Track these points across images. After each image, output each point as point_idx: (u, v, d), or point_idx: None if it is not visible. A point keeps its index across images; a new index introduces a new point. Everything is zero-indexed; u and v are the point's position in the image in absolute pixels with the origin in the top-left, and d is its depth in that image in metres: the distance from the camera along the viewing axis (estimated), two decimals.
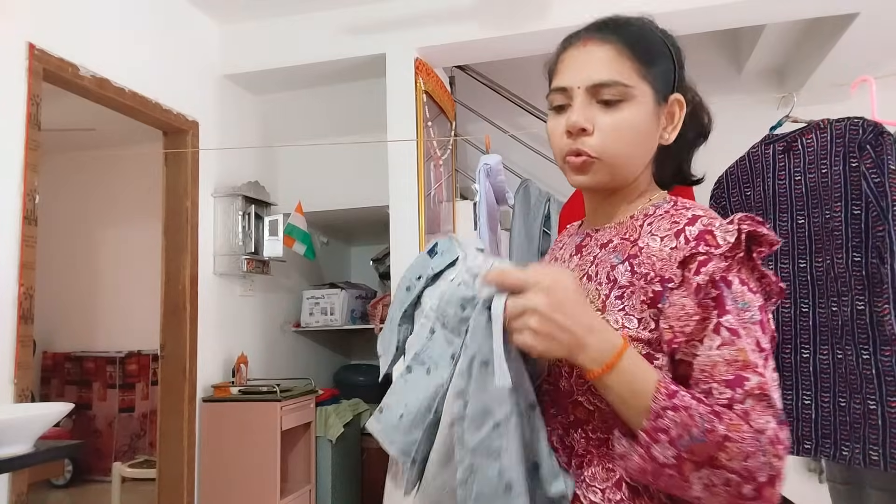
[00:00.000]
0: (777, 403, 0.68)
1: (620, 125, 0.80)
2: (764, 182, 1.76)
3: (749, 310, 0.71)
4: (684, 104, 0.86)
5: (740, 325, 0.70)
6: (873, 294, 1.52)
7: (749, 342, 0.69)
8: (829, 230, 1.61)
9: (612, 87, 0.79)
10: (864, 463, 1.47)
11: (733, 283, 0.72)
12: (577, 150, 0.81)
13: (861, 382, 1.51)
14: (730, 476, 0.66)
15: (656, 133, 0.84)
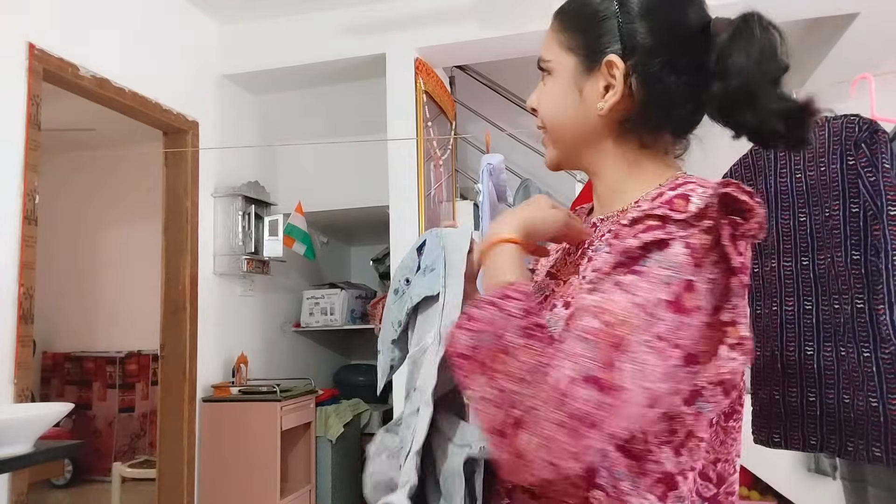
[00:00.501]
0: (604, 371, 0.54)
1: (542, 100, 0.82)
2: (766, 180, 1.77)
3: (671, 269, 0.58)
4: (616, 65, 0.73)
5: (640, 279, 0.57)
6: (872, 292, 1.53)
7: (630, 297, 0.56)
8: (829, 228, 1.61)
9: (540, 63, 0.81)
10: (867, 459, 1.49)
11: (671, 247, 0.58)
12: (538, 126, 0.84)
13: (863, 380, 1.52)
14: (492, 393, 0.58)
15: (581, 103, 0.76)
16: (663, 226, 0.59)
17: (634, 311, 0.56)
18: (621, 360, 0.55)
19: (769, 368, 1.73)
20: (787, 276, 1.70)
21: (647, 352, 0.55)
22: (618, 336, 0.55)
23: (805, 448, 1.64)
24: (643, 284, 0.57)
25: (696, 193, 0.62)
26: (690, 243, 0.58)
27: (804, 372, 1.64)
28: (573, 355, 0.55)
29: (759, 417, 1.78)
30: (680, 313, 0.57)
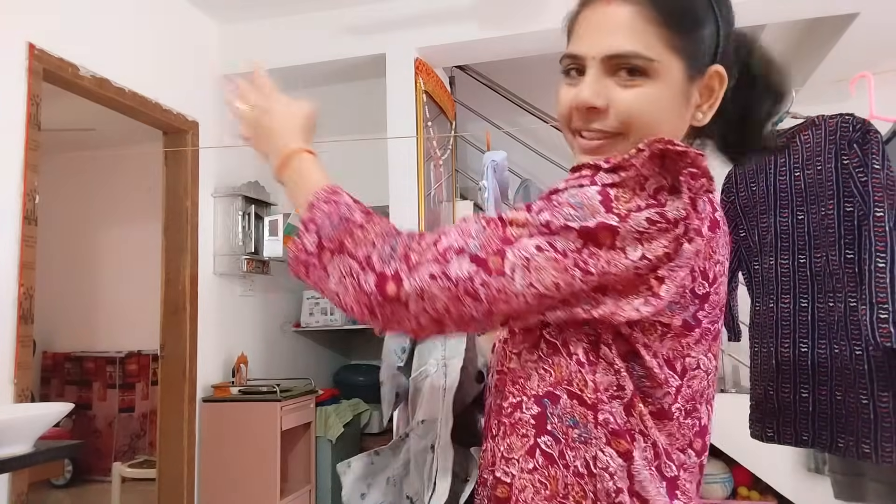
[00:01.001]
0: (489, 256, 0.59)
1: (638, 104, 0.67)
2: (767, 178, 1.78)
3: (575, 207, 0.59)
4: (725, 78, 0.71)
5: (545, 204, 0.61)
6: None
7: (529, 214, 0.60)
8: (825, 227, 1.62)
9: (632, 59, 0.66)
10: (856, 455, 1.50)
11: (586, 188, 0.59)
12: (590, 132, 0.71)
13: (854, 377, 1.53)
14: (354, 264, 0.61)
15: (686, 113, 0.70)
16: (592, 174, 0.60)
17: (528, 218, 0.59)
18: (508, 251, 0.58)
19: (765, 364, 1.74)
20: (784, 274, 1.71)
21: (537, 254, 0.58)
22: (507, 232, 0.59)
23: (797, 443, 1.66)
24: (546, 207, 0.60)
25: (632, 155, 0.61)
26: (605, 190, 0.59)
27: (798, 368, 1.65)
28: (463, 232, 0.59)
29: (754, 412, 1.80)
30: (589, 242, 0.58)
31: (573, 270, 0.58)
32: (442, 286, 0.58)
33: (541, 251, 0.58)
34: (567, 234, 0.57)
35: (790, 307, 1.69)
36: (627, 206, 0.58)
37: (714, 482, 3.04)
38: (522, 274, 0.58)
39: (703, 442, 0.67)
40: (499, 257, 0.58)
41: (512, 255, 0.58)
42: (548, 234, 0.58)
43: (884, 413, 1.46)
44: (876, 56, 3.37)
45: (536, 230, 0.58)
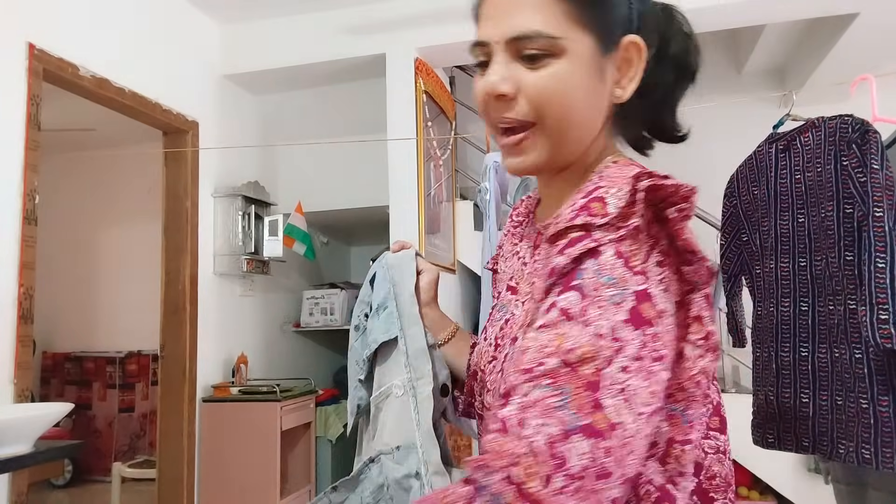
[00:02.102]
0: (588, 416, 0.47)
1: (546, 86, 0.62)
2: (768, 181, 1.77)
3: (615, 286, 0.51)
4: (643, 48, 0.65)
5: (587, 303, 0.50)
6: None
7: (587, 329, 0.49)
8: (824, 229, 1.61)
9: (535, 39, 0.62)
10: (857, 461, 1.48)
11: (603, 254, 0.52)
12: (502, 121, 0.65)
13: (854, 381, 1.52)
14: None
15: (602, 90, 0.65)
16: (588, 234, 0.54)
17: (597, 343, 0.49)
18: (602, 398, 0.48)
19: (766, 369, 1.73)
20: (784, 277, 1.70)
21: (626, 378, 0.49)
22: (588, 375, 0.48)
23: (798, 449, 1.64)
24: (594, 310, 0.50)
25: (610, 194, 0.56)
26: (620, 250, 0.53)
27: (798, 373, 1.64)
28: (546, 412, 0.47)
29: (755, 418, 1.78)
30: (643, 326, 0.51)
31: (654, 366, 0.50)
32: (576, 490, 0.46)
33: (627, 371, 0.49)
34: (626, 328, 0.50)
35: (790, 311, 1.68)
36: (640, 259, 0.53)
37: None
38: (628, 410, 0.48)
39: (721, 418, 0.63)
40: (599, 411, 0.47)
41: (609, 399, 0.48)
42: (618, 343, 0.49)
43: (884, 418, 1.45)
44: (876, 57, 3.37)
45: (609, 350, 0.49)
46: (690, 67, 0.70)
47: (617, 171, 0.61)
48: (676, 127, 0.73)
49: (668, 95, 0.70)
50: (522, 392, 0.48)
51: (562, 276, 0.53)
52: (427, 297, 0.87)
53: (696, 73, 0.71)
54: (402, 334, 0.80)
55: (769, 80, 4.16)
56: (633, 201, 0.54)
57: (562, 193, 0.69)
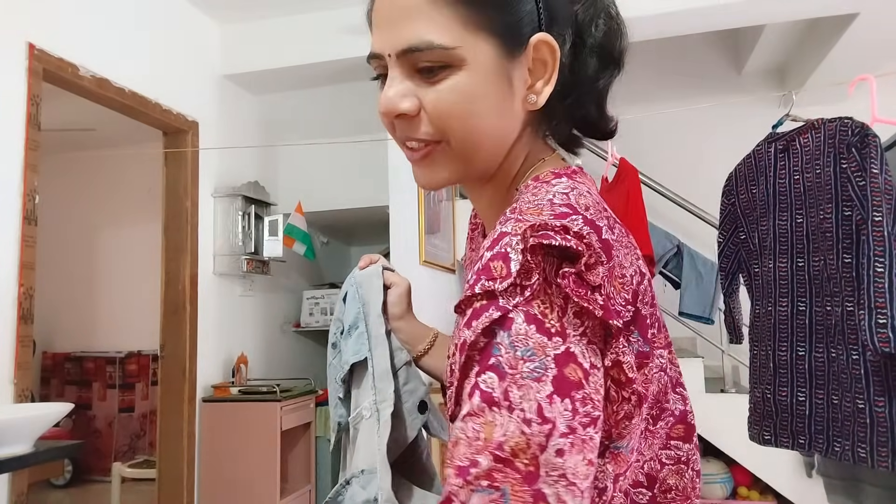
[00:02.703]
0: None
1: (446, 100, 0.56)
2: (766, 181, 1.78)
3: (532, 359, 0.46)
4: (555, 46, 0.58)
5: (507, 384, 0.46)
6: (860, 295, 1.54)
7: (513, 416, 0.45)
8: (823, 231, 1.62)
9: (427, 51, 0.56)
10: (853, 459, 1.50)
11: (514, 322, 0.47)
12: (407, 140, 0.60)
13: (851, 381, 1.53)
14: None
15: (511, 97, 0.59)
16: (492, 301, 0.48)
17: (526, 430, 0.45)
18: (543, 487, 0.45)
19: (764, 367, 1.74)
20: (783, 278, 1.71)
21: (563, 461, 0.46)
22: (523, 468, 0.45)
23: (793, 446, 1.66)
24: (516, 392, 0.46)
25: (510, 248, 0.49)
26: (531, 314, 0.47)
27: (795, 372, 1.66)
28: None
29: (752, 415, 1.80)
30: (571, 391, 0.47)
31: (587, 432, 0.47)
32: None
33: (562, 454, 0.45)
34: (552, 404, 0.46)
35: (788, 311, 1.69)
36: (554, 318, 0.48)
37: (714, 482, 3.04)
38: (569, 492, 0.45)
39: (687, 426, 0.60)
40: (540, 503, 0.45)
41: (549, 488, 0.45)
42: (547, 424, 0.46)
43: (880, 418, 1.46)
44: (876, 57, 3.38)
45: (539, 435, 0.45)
46: (614, 53, 0.62)
47: (532, 199, 0.55)
48: (605, 121, 0.65)
49: (592, 87, 0.62)
50: (461, 499, 0.45)
51: (476, 352, 0.48)
52: (399, 310, 0.85)
53: (622, 59, 0.63)
54: (371, 355, 0.79)
55: (769, 81, 4.16)
56: (526, 259, 0.48)
57: (492, 204, 0.66)
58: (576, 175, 0.60)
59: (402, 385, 0.81)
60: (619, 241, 0.54)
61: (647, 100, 4.06)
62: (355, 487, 0.75)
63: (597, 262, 0.49)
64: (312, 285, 4.60)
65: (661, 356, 0.57)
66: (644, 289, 0.55)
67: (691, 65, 4.17)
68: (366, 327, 0.81)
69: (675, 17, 2.92)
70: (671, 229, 3.26)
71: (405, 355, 0.83)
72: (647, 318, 0.55)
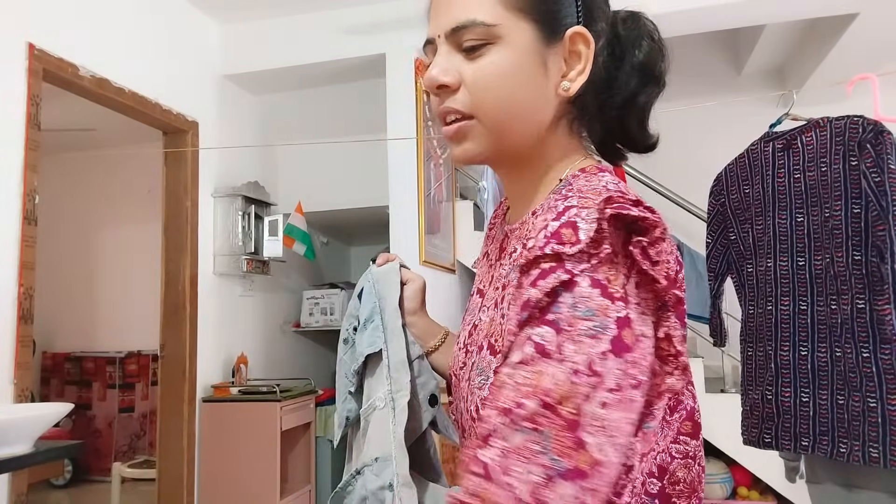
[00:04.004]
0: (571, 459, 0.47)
1: (483, 75, 0.61)
2: (763, 180, 1.77)
3: (591, 318, 0.49)
4: (590, 39, 0.63)
5: (563, 339, 0.49)
6: (873, 293, 1.53)
7: (563, 366, 0.48)
8: (829, 228, 1.61)
9: (471, 28, 0.61)
10: (862, 460, 1.48)
11: (579, 285, 0.50)
12: (444, 112, 0.65)
13: (861, 380, 1.52)
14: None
15: (545, 82, 0.63)
16: (560, 265, 0.51)
17: (574, 380, 0.48)
18: (584, 436, 0.47)
19: (762, 368, 1.73)
20: (784, 276, 1.70)
21: (606, 413, 0.49)
22: (567, 415, 0.47)
23: (796, 449, 1.64)
24: (570, 346, 0.49)
25: (580, 218, 0.53)
26: (596, 279, 0.51)
27: (798, 372, 1.64)
28: (528, 458, 0.47)
29: (749, 417, 1.76)
30: (624, 353, 0.50)
31: (632, 394, 0.50)
32: None
33: (607, 406, 0.48)
34: (605, 360, 0.49)
35: (790, 309, 1.68)
36: (619, 284, 0.51)
37: (714, 482, 3.04)
38: (611, 444, 0.48)
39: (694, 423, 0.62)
40: (582, 451, 0.47)
41: (590, 437, 0.47)
42: (596, 377, 0.48)
43: (893, 416, 1.45)
44: (876, 57, 3.38)
45: (588, 387, 0.48)
46: (655, 73, 0.67)
47: (586, 184, 0.59)
48: (645, 135, 0.70)
49: (632, 101, 0.67)
50: (502, 436, 0.48)
51: (537, 310, 0.51)
52: (413, 305, 0.87)
53: (663, 79, 0.68)
54: (386, 347, 0.81)
55: (769, 81, 4.15)
56: (601, 228, 0.52)
57: (526, 193, 0.69)
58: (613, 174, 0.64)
59: (415, 377, 0.82)
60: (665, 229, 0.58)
61: None
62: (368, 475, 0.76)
63: (662, 236, 0.53)
64: (312, 285, 4.60)
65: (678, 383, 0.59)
66: (681, 278, 0.58)
67: (691, 65, 4.17)
68: (381, 320, 0.82)
69: (675, 17, 2.93)
70: (671, 229, 3.26)
71: (418, 349, 0.84)
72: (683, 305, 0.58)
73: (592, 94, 0.65)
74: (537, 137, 0.65)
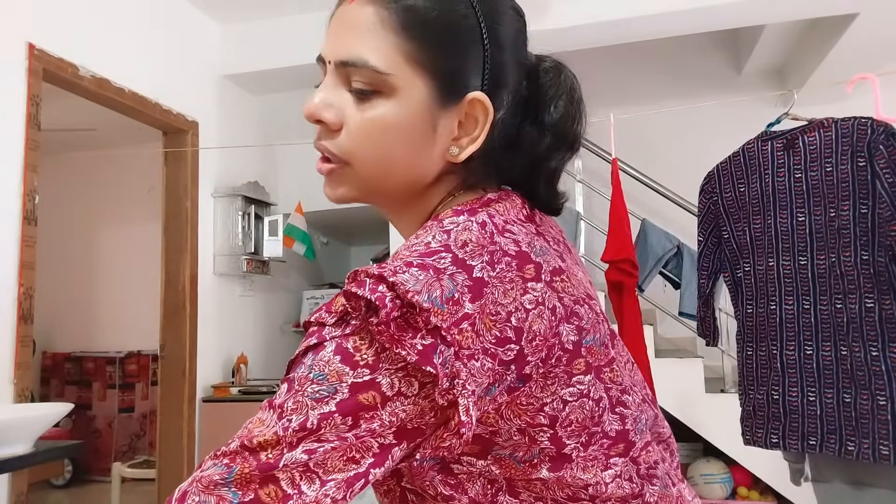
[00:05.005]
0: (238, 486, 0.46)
1: (367, 127, 0.57)
2: (761, 179, 1.76)
3: (321, 383, 0.48)
4: (489, 109, 0.59)
5: (289, 396, 0.49)
6: (881, 292, 1.53)
7: (280, 420, 0.48)
8: (836, 228, 1.61)
9: (361, 69, 0.56)
10: (872, 458, 1.49)
11: (323, 350, 0.50)
12: (320, 149, 0.62)
13: (869, 378, 1.52)
14: None
15: (430, 145, 0.59)
16: (319, 330, 0.51)
17: (281, 434, 0.47)
18: (276, 474, 0.47)
19: (764, 368, 1.72)
20: (787, 276, 1.70)
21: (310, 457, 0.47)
22: (262, 458, 0.47)
23: (803, 449, 1.64)
24: (290, 404, 0.49)
25: (352, 287, 0.51)
26: (343, 346, 0.49)
27: (804, 371, 1.64)
28: (206, 488, 0.47)
29: (752, 418, 1.75)
30: (358, 413, 0.48)
31: (360, 446, 0.49)
32: None
33: (312, 453, 0.47)
34: (328, 420, 0.47)
35: (794, 309, 1.68)
36: (369, 353, 0.49)
37: (714, 482, 3.04)
38: (311, 481, 0.47)
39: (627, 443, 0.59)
40: (269, 484, 0.46)
41: (284, 473, 0.47)
42: (306, 433, 0.47)
43: None
44: (876, 57, 3.38)
45: (295, 439, 0.47)
46: (567, 136, 0.63)
47: (414, 239, 0.55)
48: (554, 198, 0.65)
49: (543, 164, 0.63)
50: (202, 466, 0.49)
51: (289, 367, 0.52)
52: None
53: (576, 143, 0.64)
54: None
55: (769, 81, 4.15)
56: (345, 304, 0.51)
57: (409, 234, 0.65)
58: (490, 204, 0.59)
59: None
60: (501, 278, 0.52)
61: (648, 100, 4.06)
62: None
63: (427, 311, 0.48)
64: (312, 285, 4.60)
65: (583, 382, 0.56)
66: (534, 328, 0.52)
67: (691, 65, 4.17)
68: None
69: (675, 17, 2.92)
70: (671, 229, 3.26)
71: None
72: (547, 350, 0.53)
73: (499, 151, 0.61)
74: (415, 191, 0.62)
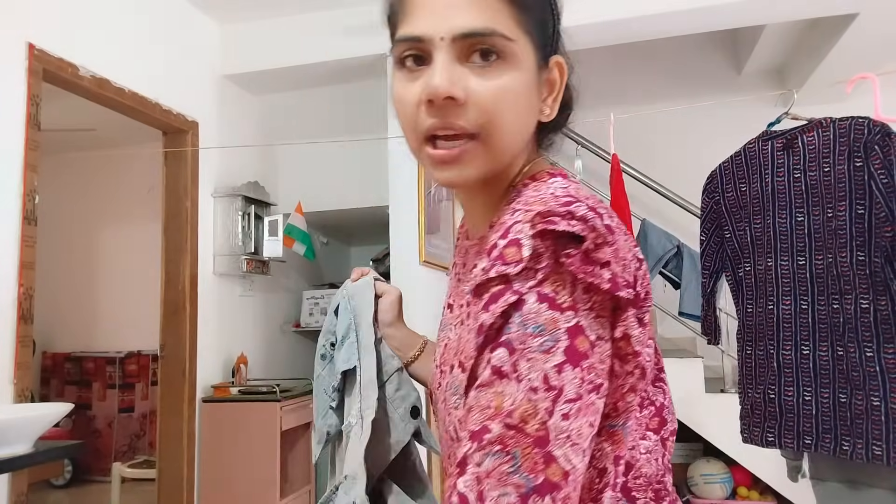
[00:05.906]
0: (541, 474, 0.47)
1: (499, 96, 0.57)
2: (762, 178, 1.77)
3: (542, 334, 0.49)
4: (565, 69, 0.65)
5: (517, 357, 0.49)
6: (876, 293, 1.54)
7: (520, 385, 0.48)
8: (833, 229, 1.61)
9: (489, 38, 0.56)
10: (865, 458, 1.49)
11: (527, 303, 0.51)
12: (446, 127, 0.59)
13: (864, 379, 1.53)
14: None
15: (538, 104, 0.63)
16: (508, 286, 0.51)
17: (533, 397, 0.48)
18: (552, 450, 0.48)
19: (762, 367, 1.73)
20: (784, 276, 1.70)
21: (569, 424, 0.49)
22: (533, 432, 0.48)
23: (799, 447, 1.65)
24: (524, 364, 0.49)
25: (522, 234, 0.52)
26: (543, 293, 0.50)
27: (800, 371, 1.65)
28: (501, 481, 0.47)
29: (750, 416, 1.77)
30: (580, 361, 0.50)
31: (592, 398, 0.51)
32: None
33: (568, 417, 0.49)
34: (561, 372, 0.49)
35: (791, 309, 1.68)
36: (566, 294, 0.51)
37: (714, 482, 3.04)
38: (575, 452, 0.49)
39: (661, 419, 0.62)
40: (553, 464, 0.47)
41: (558, 449, 0.48)
42: (553, 391, 0.48)
43: (895, 415, 1.47)
44: (876, 57, 3.38)
45: (548, 401, 0.48)
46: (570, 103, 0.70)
47: (534, 194, 0.57)
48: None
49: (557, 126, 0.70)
50: (475, 461, 0.48)
51: (491, 332, 0.52)
52: (389, 318, 0.87)
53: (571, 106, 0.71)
54: (359, 364, 0.81)
55: (769, 81, 4.16)
56: (537, 244, 0.51)
57: (486, 208, 0.67)
58: (566, 177, 0.63)
59: (394, 391, 0.82)
60: (619, 228, 0.56)
61: (648, 100, 4.06)
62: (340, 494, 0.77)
63: (603, 242, 0.51)
64: (312, 285, 4.60)
65: (649, 345, 0.58)
66: (642, 274, 0.57)
67: (691, 65, 4.17)
68: (356, 337, 0.82)
69: (675, 17, 2.92)
70: (671, 229, 3.26)
71: (397, 362, 0.84)
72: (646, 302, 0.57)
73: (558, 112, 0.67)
74: (515, 159, 0.65)
